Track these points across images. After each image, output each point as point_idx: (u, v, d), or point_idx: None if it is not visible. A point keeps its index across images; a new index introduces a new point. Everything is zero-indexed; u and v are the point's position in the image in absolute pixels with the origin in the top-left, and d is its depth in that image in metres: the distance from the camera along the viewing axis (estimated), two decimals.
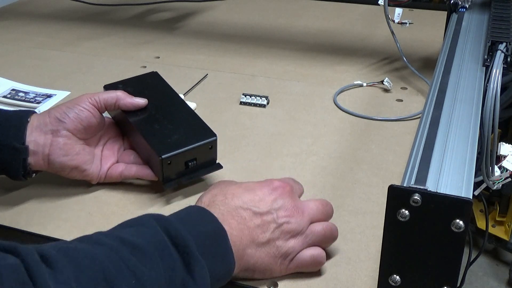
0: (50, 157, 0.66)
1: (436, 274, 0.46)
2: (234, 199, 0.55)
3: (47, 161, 0.66)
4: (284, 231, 0.55)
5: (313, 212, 0.57)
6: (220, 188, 0.58)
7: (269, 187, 0.57)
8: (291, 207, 0.56)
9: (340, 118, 0.87)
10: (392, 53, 1.07)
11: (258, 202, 0.55)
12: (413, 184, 0.45)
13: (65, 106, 0.67)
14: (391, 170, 0.74)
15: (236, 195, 0.56)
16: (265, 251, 0.54)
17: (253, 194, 0.56)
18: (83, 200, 0.69)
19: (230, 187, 0.57)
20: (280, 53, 1.11)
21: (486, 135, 0.57)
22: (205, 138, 0.67)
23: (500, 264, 1.29)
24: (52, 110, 0.67)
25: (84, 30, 1.25)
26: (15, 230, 0.65)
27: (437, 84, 0.64)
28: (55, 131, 0.65)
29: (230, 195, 0.56)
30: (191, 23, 1.30)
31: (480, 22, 0.84)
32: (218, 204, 0.55)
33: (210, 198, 0.56)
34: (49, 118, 0.66)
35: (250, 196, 0.56)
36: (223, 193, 0.56)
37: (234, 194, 0.56)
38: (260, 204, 0.55)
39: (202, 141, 0.67)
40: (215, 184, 0.60)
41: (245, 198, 0.56)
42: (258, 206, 0.55)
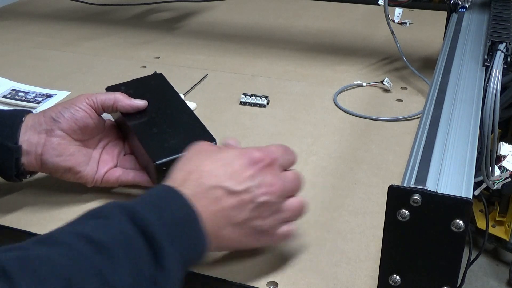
0: (43, 157, 0.64)
1: (436, 274, 0.46)
2: (209, 178, 0.52)
3: (40, 161, 0.64)
4: (262, 210, 0.53)
5: (290, 185, 0.56)
6: (195, 163, 0.54)
7: (248, 160, 0.53)
8: (269, 183, 0.53)
9: (340, 118, 0.87)
10: (392, 53, 1.07)
11: (235, 179, 0.52)
12: (413, 184, 0.45)
13: (61, 106, 0.66)
14: (391, 170, 0.74)
15: (212, 172, 0.52)
16: (242, 231, 0.53)
17: (230, 169, 0.53)
18: (83, 200, 0.69)
19: (206, 161, 0.54)
20: (280, 53, 1.11)
21: (486, 135, 0.57)
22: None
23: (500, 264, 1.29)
24: (48, 110, 0.66)
25: (84, 30, 1.25)
26: (15, 230, 0.65)
27: (437, 84, 0.64)
28: (50, 131, 0.64)
29: (206, 172, 0.52)
30: (191, 23, 1.30)
31: (480, 22, 0.84)
32: (192, 183, 0.52)
33: (184, 176, 0.53)
34: (44, 118, 0.65)
35: (226, 172, 0.53)
36: (199, 170, 0.53)
37: (210, 171, 0.52)
38: (237, 181, 0.52)
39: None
40: (191, 153, 0.56)
41: (221, 174, 0.52)
42: (235, 184, 0.52)
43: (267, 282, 0.57)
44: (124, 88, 0.73)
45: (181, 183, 0.52)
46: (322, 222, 0.65)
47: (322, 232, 0.64)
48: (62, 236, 0.44)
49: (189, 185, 0.51)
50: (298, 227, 0.64)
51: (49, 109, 0.66)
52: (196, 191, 0.51)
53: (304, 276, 0.58)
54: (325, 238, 0.63)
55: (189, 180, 0.52)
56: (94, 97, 0.67)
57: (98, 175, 0.68)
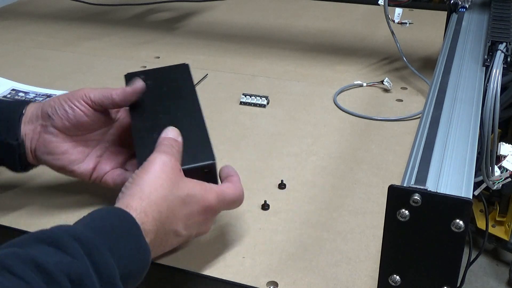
0: (36, 153, 0.63)
1: (436, 274, 0.46)
2: (170, 224, 0.54)
3: (35, 156, 0.63)
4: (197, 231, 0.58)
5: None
6: (171, 208, 0.53)
7: (204, 208, 0.56)
8: (208, 227, 0.59)
9: (340, 118, 0.87)
10: (392, 53, 1.07)
11: (186, 222, 0.55)
12: (413, 184, 0.45)
13: (58, 100, 0.63)
14: (391, 170, 0.74)
15: (173, 217, 0.54)
16: (179, 241, 0.56)
17: (188, 215, 0.55)
18: (83, 200, 0.69)
19: (181, 212, 0.54)
20: (280, 53, 1.11)
21: (486, 135, 0.57)
22: (200, 160, 0.58)
23: (500, 264, 1.29)
24: (46, 102, 0.64)
25: (84, 30, 1.25)
26: (15, 230, 0.65)
27: (437, 84, 0.64)
28: (44, 126, 0.63)
29: (175, 222, 0.54)
30: (191, 23, 1.30)
31: (480, 22, 0.84)
32: (159, 225, 0.52)
33: (155, 215, 0.52)
34: (41, 112, 0.63)
35: (183, 216, 0.55)
36: (173, 216, 0.53)
37: (178, 222, 0.54)
38: (186, 225, 0.55)
39: (195, 163, 0.58)
40: (159, 182, 0.53)
41: (178, 218, 0.54)
42: (183, 228, 0.55)
43: (267, 282, 0.57)
44: (144, 77, 0.66)
45: (149, 220, 0.51)
46: (322, 222, 0.65)
47: (322, 232, 0.64)
48: (14, 263, 0.41)
49: (154, 226, 0.52)
50: (298, 227, 0.64)
51: (47, 102, 0.63)
52: (159, 233, 0.52)
53: (304, 276, 0.58)
54: (325, 238, 0.63)
55: (159, 220, 0.52)
56: (92, 94, 0.63)
57: (97, 173, 0.65)
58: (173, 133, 0.59)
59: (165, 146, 0.57)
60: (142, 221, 0.50)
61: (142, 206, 0.51)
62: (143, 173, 0.53)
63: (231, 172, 0.61)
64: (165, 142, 0.57)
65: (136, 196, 0.51)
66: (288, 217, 0.66)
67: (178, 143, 0.58)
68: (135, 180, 0.53)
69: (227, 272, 0.58)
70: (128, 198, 0.51)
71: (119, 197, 0.53)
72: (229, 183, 0.59)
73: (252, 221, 0.65)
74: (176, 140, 0.58)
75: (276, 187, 0.71)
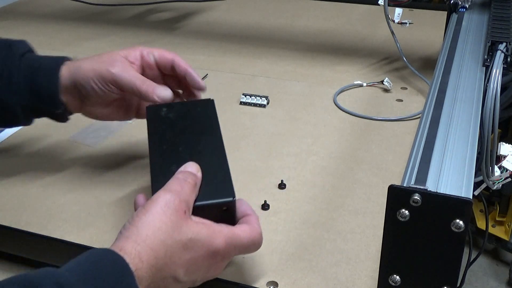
0: (83, 114, 0.68)
1: (436, 274, 0.46)
2: (175, 272, 0.49)
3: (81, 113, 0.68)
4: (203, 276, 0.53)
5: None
6: (170, 253, 0.49)
7: (210, 252, 0.51)
8: (214, 274, 0.53)
9: (340, 118, 0.87)
10: (392, 53, 1.07)
11: (188, 268, 0.50)
12: (413, 184, 0.45)
13: (88, 79, 0.64)
14: (391, 170, 0.74)
15: (180, 268, 0.49)
16: (180, 287, 0.51)
17: (191, 260, 0.50)
18: (83, 200, 0.69)
19: (183, 257, 0.49)
20: (280, 53, 1.11)
21: (486, 135, 0.57)
22: (218, 197, 0.54)
23: (500, 264, 1.29)
24: (78, 75, 0.64)
25: (84, 30, 1.25)
26: (15, 230, 0.65)
27: (437, 84, 0.64)
28: (82, 100, 0.66)
29: (174, 269, 0.49)
30: (191, 23, 1.30)
31: (480, 22, 0.84)
32: (154, 272, 0.48)
33: (151, 261, 0.47)
34: (75, 86, 0.64)
35: (185, 261, 0.50)
36: (172, 263, 0.49)
37: (177, 268, 0.49)
38: (188, 271, 0.50)
39: (212, 199, 0.54)
40: (161, 225, 0.49)
41: (178, 264, 0.49)
42: (184, 274, 0.50)
43: (267, 282, 0.57)
44: (166, 110, 0.64)
45: (146, 266, 0.47)
46: (322, 222, 0.65)
47: (322, 232, 0.64)
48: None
49: (151, 273, 0.47)
50: (298, 227, 0.64)
51: (79, 76, 0.64)
52: (156, 281, 0.48)
53: (304, 276, 0.58)
54: (325, 238, 0.63)
55: (156, 267, 0.48)
56: (121, 80, 0.64)
57: (141, 114, 0.70)
58: (193, 167, 0.55)
59: (178, 181, 0.52)
60: (136, 266, 0.46)
61: (136, 251, 0.47)
62: (142, 214, 0.49)
63: (247, 210, 0.55)
64: (180, 176, 0.53)
65: (131, 239, 0.47)
66: (288, 217, 0.66)
67: (196, 178, 0.54)
68: (134, 221, 0.49)
69: (227, 272, 0.58)
70: (123, 241, 0.47)
71: (117, 237, 0.49)
72: (245, 224, 0.54)
73: None
74: (195, 175, 0.54)
75: (276, 187, 0.71)
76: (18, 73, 0.64)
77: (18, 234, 0.64)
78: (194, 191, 0.53)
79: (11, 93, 0.64)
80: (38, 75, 0.64)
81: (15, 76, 0.64)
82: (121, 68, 0.64)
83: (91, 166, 0.76)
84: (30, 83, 0.64)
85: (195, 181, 0.53)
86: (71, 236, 0.63)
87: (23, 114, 0.66)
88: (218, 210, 0.54)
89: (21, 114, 0.66)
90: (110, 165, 0.76)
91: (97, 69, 0.64)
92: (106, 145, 0.80)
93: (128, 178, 0.73)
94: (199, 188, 0.54)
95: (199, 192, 0.54)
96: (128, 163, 0.76)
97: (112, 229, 0.64)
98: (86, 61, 0.65)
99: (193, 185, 0.53)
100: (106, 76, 0.63)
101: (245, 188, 0.71)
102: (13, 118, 0.66)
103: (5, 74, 0.64)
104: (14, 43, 0.68)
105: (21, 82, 0.64)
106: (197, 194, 0.53)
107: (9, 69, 0.64)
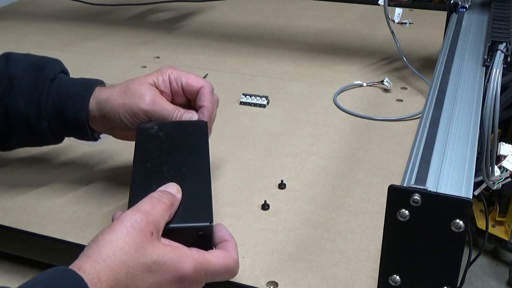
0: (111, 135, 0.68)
1: (436, 274, 0.46)
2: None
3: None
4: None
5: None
6: (131, 275, 0.47)
7: (176, 277, 0.48)
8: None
9: (340, 118, 0.87)
10: (392, 53, 1.07)
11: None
12: (413, 184, 0.45)
13: (119, 113, 0.63)
14: (391, 170, 0.74)
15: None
16: None
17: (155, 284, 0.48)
18: (83, 200, 0.69)
19: (146, 280, 0.47)
20: (280, 53, 1.11)
21: (486, 135, 0.57)
22: (194, 221, 0.52)
23: (500, 264, 1.28)
24: (109, 109, 0.64)
25: (84, 30, 1.25)
26: (15, 230, 0.65)
27: (437, 84, 0.64)
28: (111, 128, 0.65)
29: (133, 285, 0.47)
30: (191, 23, 1.30)
31: (480, 22, 0.84)
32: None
33: (111, 282, 0.45)
34: (104, 118, 0.64)
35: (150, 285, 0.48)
36: (134, 285, 0.47)
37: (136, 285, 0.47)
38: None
39: (187, 223, 0.52)
40: (126, 246, 0.47)
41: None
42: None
43: (267, 282, 0.57)
44: (157, 128, 0.63)
45: (96, 283, 0.45)
46: (322, 222, 0.65)
47: (322, 232, 0.64)
48: None
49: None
50: (298, 227, 0.64)
51: (110, 109, 0.64)
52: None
53: (304, 276, 0.58)
54: (325, 238, 0.63)
55: (106, 284, 0.46)
56: (152, 115, 0.64)
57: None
58: (173, 188, 0.53)
59: (150, 200, 0.51)
60: (94, 287, 0.44)
61: (96, 270, 0.45)
62: (107, 233, 0.47)
63: (226, 236, 0.53)
64: (155, 195, 0.51)
65: (91, 258, 0.46)
66: (288, 217, 0.66)
67: (173, 199, 0.52)
68: (97, 239, 0.47)
69: None
70: (83, 259, 0.46)
71: (79, 255, 0.47)
72: (219, 250, 0.52)
73: (252, 221, 0.65)
74: (174, 195, 0.52)
75: (276, 187, 0.71)
76: (47, 99, 0.64)
77: (18, 234, 0.64)
78: (168, 211, 0.51)
79: (40, 118, 0.64)
80: (66, 105, 0.64)
81: (44, 101, 0.64)
82: (151, 101, 0.63)
83: (91, 166, 0.76)
84: (59, 111, 0.64)
85: (171, 201, 0.52)
86: (71, 236, 0.63)
87: (53, 137, 0.66)
88: (193, 234, 0.52)
89: (50, 137, 0.66)
90: (110, 165, 0.76)
91: (127, 104, 0.63)
92: (106, 145, 0.80)
93: (128, 178, 0.73)
94: (175, 209, 0.52)
95: (175, 214, 0.52)
96: (128, 163, 0.76)
97: None
98: (114, 92, 0.64)
99: (168, 205, 0.51)
100: (137, 111, 0.63)
101: (245, 188, 0.71)
102: (42, 140, 0.67)
103: (35, 99, 0.64)
104: (47, 63, 0.67)
105: (49, 109, 0.64)
106: (173, 216, 0.52)
107: (38, 94, 0.64)
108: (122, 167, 0.76)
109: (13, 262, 0.66)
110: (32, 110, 0.64)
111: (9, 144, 0.68)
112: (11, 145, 0.69)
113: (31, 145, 0.69)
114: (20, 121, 0.65)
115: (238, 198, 0.69)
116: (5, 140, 0.67)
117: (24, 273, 0.64)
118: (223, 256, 0.51)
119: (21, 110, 0.64)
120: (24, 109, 0.64)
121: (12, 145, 0.69)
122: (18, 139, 0.67)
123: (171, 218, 0.52)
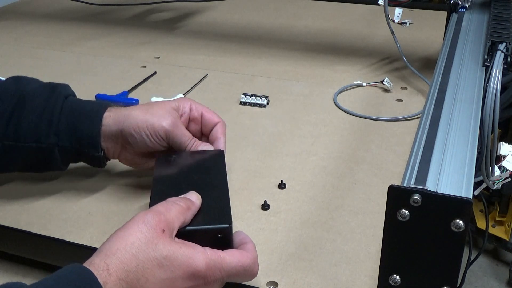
0: (119, 159, 0.69)
1: (436, 274, 0.46)
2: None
3: (116, 158, 0.69)
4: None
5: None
6: (142, 269, 0.47)
7: (189, 274, 0.48)
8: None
9: (340, 118, 0.87)
10: (392, 53, 1.07)
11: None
12: (413, 184, 0.45)
13: (140, 130, 0.64)
14: (391, 170, 0.74)
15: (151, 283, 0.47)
16: None
17: (168, 281, 0.48)
18: (83, 200, 0.69)
19: (158, 276, 0.47)
20: (280, 53, 1.11)
21: (486, 135, 0.57)
22: (214, 223, 0.53)
23: (500, 264, 1.29)
24: (129, 125, 0.64)
25: (84, 30, 1.25)
26: (15, 230, 0.65)
27: (437, 84, 0.64)
28: (125, 147, 0.66)
29: (147, 287, 0.47)
30: (191, 23, 1.30)
31: (480, 22, 0.84)
32: (125, 286, 0.46)
33: (121, 274, 0.46)
34: (122, 135, 0.65)
35: (162, 284, 0.48)
36: (145, 280, 0.47)
37: (151, 286, 0.47)
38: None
39: (207, 224, 0.53)
40: (139, 247, 0.47)
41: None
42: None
43: (267, 282, 0.57)
44: (175, 156, 0.66)
45: (105, 276, 0.45)
46: (322, 222, 0.65)
47: (322, 232, 0.64)
48: None
49: (114, 283, 0.46)
50: (298, 227, 0.64)
51: (129, 126, 0.64)
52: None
53: (304, 276, 0.58)
54: (325, 238, 0.63)
55: (116, 277, 0.46)
56: (172, 138, 0.65)
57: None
58: (192, 195, 0.55)
59: (165, 203, 0.52)
60: (104, 280, 0.45)
61: (105, 263, 0.46)
62: (118, 230, 0.49)
63: (244, 239, 0.54)
64: (170, 199, 0.53)
65: (102, 253, 0.47)
66: (288, 217, 0.66)
67: (191, 203, 0.54)
68: (110, 237, 0.48)
69: None
70: (95, 255, 0.47)
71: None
72: (235, 249, 0.52)
73: (252, 221, 0.65)
74: (192, 201, 0.54)
75: (276, 187, 0.71)
76: (60, 114, 0.65)
77: (18, 234, 0.64)
78: (183, 214, 0.52)
79: (50, 134, 0.64)
80: (80, 118, 0.65)
81: (56, 116, 0.64)
82: (173, 123, 0.65)
83: (91, 166, 0.76)
84: (72, 125, 0.65)
85: (187, 205, 0.53)
86: (71, 236, 0.63)
87: (60, 156, 0.65)
88: (212, 237, 0.52)
89: (58, 156, 0.65)
90: (110, 165, 0.76)
91: (149, 120, 0.65)
92: None
93: (129, 178, 0.73)
94: (193, 213, 0.53)
95: (194, 218, 0.53)
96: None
97: (112, 229, 0.64)
98: (137, 110, 0.66)
99: (184, 208, 0.52)
100: (159, 129, 0.65)
101: (245, 188, 0.71)
102: (49, 160, 0.66)
103: (46, 115, 0.64)
104: (58, 85, 0.68)
105: (62, 123, 0.64)
106: (191, 220, 0.53)
107: (51, 110, 0.65)
108: (122, 167, 0.75)
109: (13, 262, 0.66)
110: (43, 124, 0.64)
111: (12, 165, 0.67)
112: (14, 166, 0.67)
113: (34, 166, 0.68)
114: (29, 134, 0.64)
115: (238, 198, 0.69)
116: (9, 159, 0.66)
117: (24, 273, 0.64)
118: (238, 255, 0.51)
119: (31, 124, 0.64)
120: (34, 122, 0.64)
121: (15, 165, 0.67)
122: (24, 157, 0.65)
123: (190, 222, 0.53)
